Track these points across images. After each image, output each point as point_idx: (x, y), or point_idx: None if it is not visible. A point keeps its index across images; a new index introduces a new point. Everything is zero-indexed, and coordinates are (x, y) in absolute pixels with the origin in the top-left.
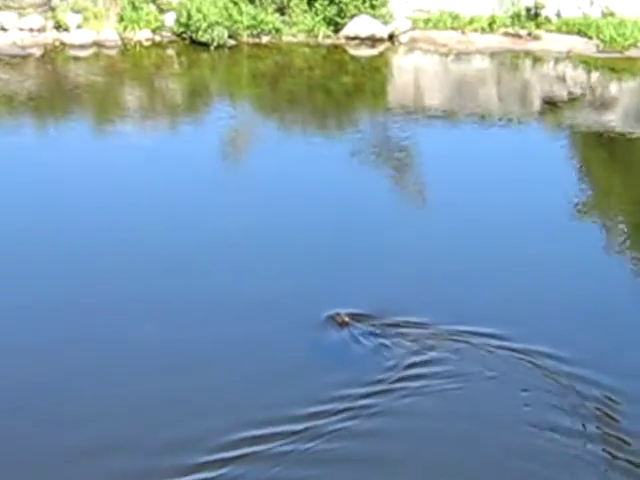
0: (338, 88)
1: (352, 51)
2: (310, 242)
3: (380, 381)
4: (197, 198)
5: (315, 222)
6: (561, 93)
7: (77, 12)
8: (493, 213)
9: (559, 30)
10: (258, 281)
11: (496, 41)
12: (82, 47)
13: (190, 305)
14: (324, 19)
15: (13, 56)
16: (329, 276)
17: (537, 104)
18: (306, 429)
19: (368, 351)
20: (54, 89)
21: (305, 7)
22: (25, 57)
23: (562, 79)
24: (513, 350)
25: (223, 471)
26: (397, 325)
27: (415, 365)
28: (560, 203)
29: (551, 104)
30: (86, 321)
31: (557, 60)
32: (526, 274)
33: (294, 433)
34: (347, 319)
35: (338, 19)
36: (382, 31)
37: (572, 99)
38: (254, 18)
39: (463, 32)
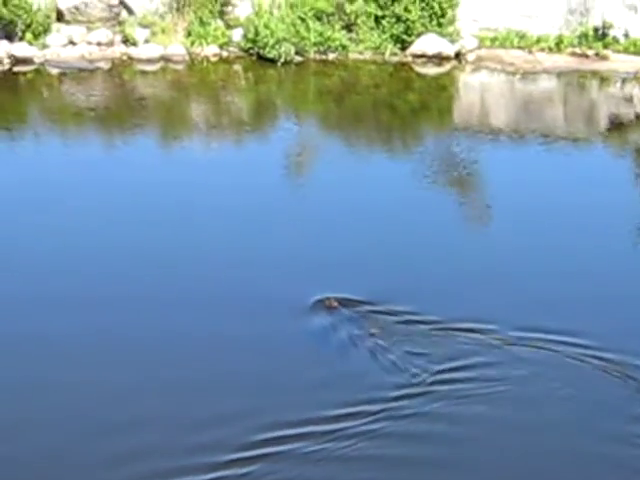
0: (404, 106)
1: (419, 69)
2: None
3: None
4: (257, 212)
5: (377, 234)
6: (628, 114)
7: (145, 27)
8: (557, 235)
9: (627, 50)
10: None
11: (563, 61)
12: (149, 61)
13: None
14: (391, 36)
15: (81, 70)
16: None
17: (603, 124)
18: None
19: None
20: (121, 103)
21: (372, 24)
22: (93, 71)
23: (629, 100)
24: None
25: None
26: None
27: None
28: (626, 227)
29: (618, 125)
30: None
31: (624, 81)
32: (585, 295)
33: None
34: (335, 304)
35: (405, 37)
36: (449, 49)
37: (639, 120)
38: (321, 35)
39: (530, 51)
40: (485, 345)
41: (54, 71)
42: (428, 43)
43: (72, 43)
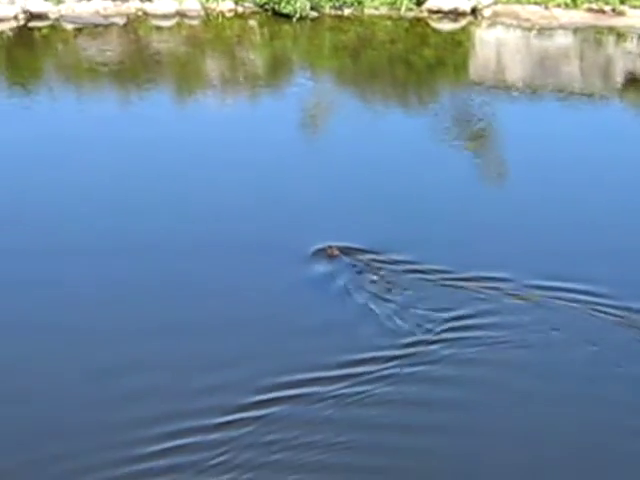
0: (419, 61)
1: (434, 24)
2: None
3: None
4: (270, 165)
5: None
6: None
7: None
8: (572, 188)
9: None
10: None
11: (579, 16)
12: (165, 17)
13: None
14: None
15: (96, 25)
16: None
17: (619, 80)
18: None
19: None
20: (136, 59)
21: None
22: (108, 26)
23: None
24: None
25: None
26: None
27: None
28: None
29: (634, 80)
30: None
31: None
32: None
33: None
34: (337, 252)
35: None
36: (465, 5)
37: None
38: None
39: (546, 7)
40: (497, 296)
41: (69, 27)
42: None
43: None
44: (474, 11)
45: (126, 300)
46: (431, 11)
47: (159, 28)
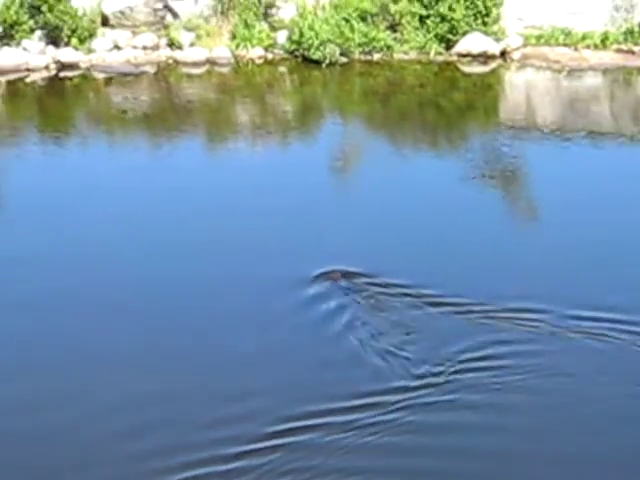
0: (449, 105)
1: (464, 68)
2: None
3: None
4: (302, 209)
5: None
6: None
7: (190, 30)
8: (602, 231)
9: None
10: None
11: (609, 57)
12: (195, 64)
13: None
14: (436, 36)
15: (127, 74)
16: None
17: None
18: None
19: None
20: (167, 106)
21: (417, 24)
22: (139, 75)
23: None
24: None
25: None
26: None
27: None
28: None
29: None
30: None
31: None
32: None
33: None
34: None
35: (450, 36)
36: (494, 48)
37: None
38: (366, 35)
39: (576, 48)
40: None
41: (100, 76)
42: (473, 42)
43: (117, 47)
44: (503, 54)
45: (150, 333)
46: (460, 55)
47: (189, 76)
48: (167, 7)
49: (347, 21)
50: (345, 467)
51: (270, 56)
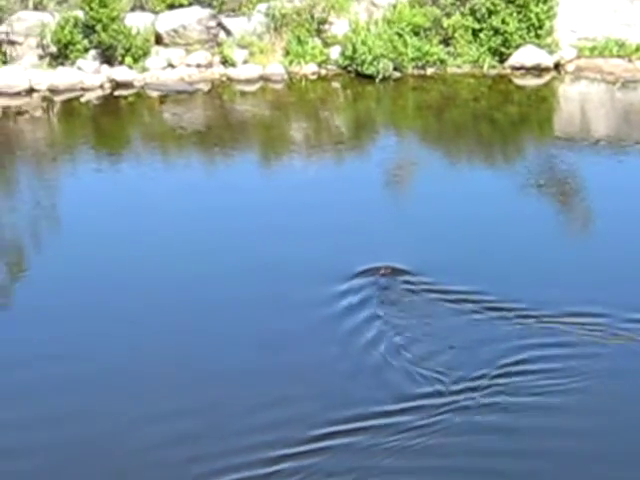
0: (504, 118)
1: (518, 81)
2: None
3: None
4: (357, 227)
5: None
6: None
7: (243, 47)
8: None
9: None
10: None
11: None
12: (248, 82)
13: None
14: (489, 49)
15: (181, 92)
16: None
17: None
18: None
19: None
20: (221, 124)
21: (470, 38)
22: (193, 93)
23: None
24: None
25: None
26: None
27: None
28: None
29: None
30: None
31: None
32: None
33: None
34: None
35: (503, 49)
36: (547, 60)
37: None
38: (419, 50)
39: (630, 60)
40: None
41: (154, 94)
42: (526, 55)
43: (171, 66)
44: (557, 66)
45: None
46: (514, 67)
47: (243, 93)
48: (220, 25)
49: (400, 36)
50: None
51: (323, 72)
